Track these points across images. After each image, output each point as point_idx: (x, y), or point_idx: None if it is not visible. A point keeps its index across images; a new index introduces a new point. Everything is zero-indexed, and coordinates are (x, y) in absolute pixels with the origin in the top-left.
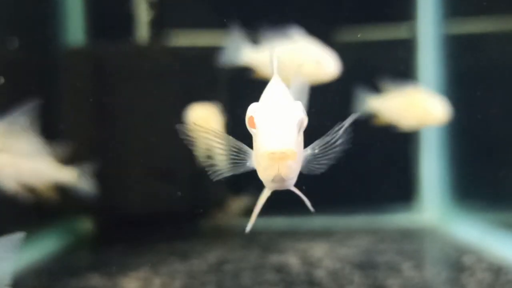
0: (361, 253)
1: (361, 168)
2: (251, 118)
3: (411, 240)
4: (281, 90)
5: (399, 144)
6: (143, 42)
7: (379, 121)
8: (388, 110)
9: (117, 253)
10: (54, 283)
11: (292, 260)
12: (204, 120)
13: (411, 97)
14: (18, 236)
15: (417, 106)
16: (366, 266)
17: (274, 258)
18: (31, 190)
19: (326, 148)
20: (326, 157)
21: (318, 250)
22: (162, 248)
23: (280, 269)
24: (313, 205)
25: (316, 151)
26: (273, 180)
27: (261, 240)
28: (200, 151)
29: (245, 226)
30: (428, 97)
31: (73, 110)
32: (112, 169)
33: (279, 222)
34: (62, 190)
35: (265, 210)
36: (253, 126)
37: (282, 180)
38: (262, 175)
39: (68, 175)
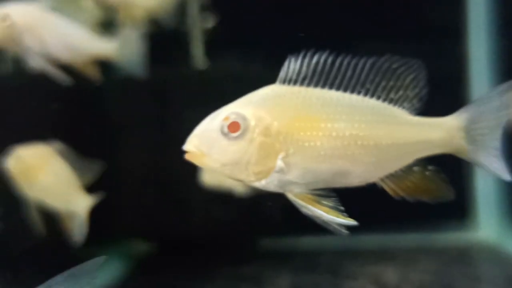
0: (435, 278)
1: None
2: None
3: (475, 262)
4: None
5: (452, 158)
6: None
7: None
8: None
9: (180, 278)
10: None
11: (369, 287)
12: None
13: None
14: (100, 259)
15: None
16: None
17: (350, 284)
18: (67, 68)
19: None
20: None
21: (390, 274)
22: (228, 272)
23: None
24: (365, 223)
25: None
26: None
27: (322, 262)
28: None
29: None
30: None
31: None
32: (170, 191)
33: (328, 241)
34: None
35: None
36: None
37: None
38: None
39: (107, 47)
